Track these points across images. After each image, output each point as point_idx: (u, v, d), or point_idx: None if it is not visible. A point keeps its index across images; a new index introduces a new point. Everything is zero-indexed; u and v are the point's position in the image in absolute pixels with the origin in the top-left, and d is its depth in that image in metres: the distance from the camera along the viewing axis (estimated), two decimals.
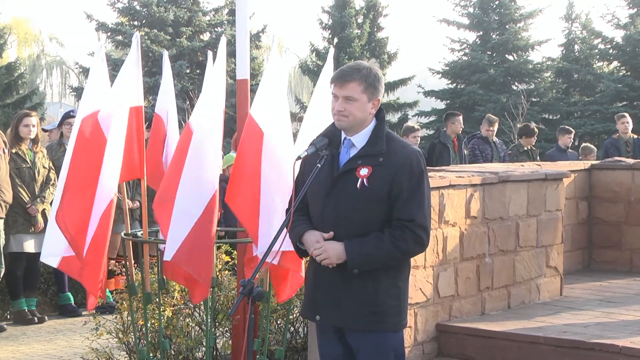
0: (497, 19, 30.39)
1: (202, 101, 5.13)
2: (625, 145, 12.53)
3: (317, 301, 3.91)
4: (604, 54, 29.84)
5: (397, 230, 3.76)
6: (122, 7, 28.96)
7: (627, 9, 29.65)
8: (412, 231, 3.77)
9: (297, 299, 5.85)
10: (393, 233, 3.76)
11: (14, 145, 8.37)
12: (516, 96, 26.42)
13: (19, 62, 27.71)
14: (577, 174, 8.54)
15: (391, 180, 3.77)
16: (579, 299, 6.99)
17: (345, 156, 3.88)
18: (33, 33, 50.51)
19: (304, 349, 5.96)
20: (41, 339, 7.77)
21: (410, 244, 3.78)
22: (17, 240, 8.30)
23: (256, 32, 28.71)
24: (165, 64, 5.43)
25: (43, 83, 50.63)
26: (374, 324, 3.82)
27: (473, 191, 6.17)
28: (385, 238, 3.75)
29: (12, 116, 14.73)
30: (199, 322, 5.79)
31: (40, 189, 8.42)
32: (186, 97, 23.12)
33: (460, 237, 6.08)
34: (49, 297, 9.03)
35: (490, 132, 11.90)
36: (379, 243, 3.74)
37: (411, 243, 3.78)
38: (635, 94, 27.59)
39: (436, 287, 5.88)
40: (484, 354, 5.78)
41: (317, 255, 3.79)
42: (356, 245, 3.75)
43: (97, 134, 4.99)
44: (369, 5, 30.64)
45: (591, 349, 5.40)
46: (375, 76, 3.85)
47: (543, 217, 6.87)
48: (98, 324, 5.80)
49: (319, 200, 3.85)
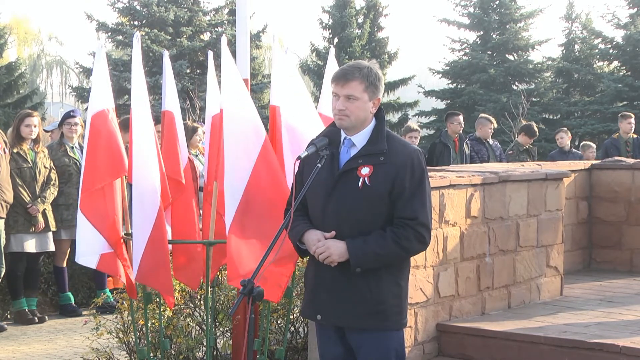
0: (498, 18, 30.41)
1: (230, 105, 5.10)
2: (625, 145, 12.52)
3: (318, 301, 3.91)
4: (604, 53, 29.86)
5: (400, 229, 3.77)
6: (122, 7, 28.96)
7: (627, 8, 29.67)
8: (414, 229, 3.78)
9: (297, 299, 5.85)
10: (395, 231, 3.76)
11: (15, 145, 8.37)
12: (516, 96, 26.45)
13: (19, 62, 27.70)
14: (578, 173, 8.53)
15: (393, 179, 3.78)
16: (579, 299, 6.99)
17: (345, 156, 3.88)
18: (33, 33, 50.56)
19: (304, 348, 5.96)
20: (41, 338, 7.77)
21: (412, 242, 3.79)
22: (18, 240, 8.30)
23: (256, 32, 28.71)
24: (165, 64, 5.44)
25: (43, 83, 50.70)
26: (376, 322, 3.83)
27: (473, 191, 6.17)
28: (388, 236, 3.75)
29: (12, 116, 14.75)
30: (199, 322, 5.79)
31: (41, 189, 8.42)
32: (186, 97, 23.11)
33: (460, 236, 6.08)
34: (50, 296, 9.03)
35: (486, 132, 11.87)
36: (381, 241, 3.75)
37: (414, 241, 3.79)
38: (635, 94, 27.60)
39: (436, 286, 5.88)
40: (484, 354, 5.78)
41: (320, 254, 3.79)
42: (359, 243, 3.75)
43: (108, 131, 5.11)
44: (369, 5, 30.66)
45: (591, 348, 5.40)
46: (376, 75, 3.86)
47: (543, 217, 6.87)
48: (98, 324, 5.80)
49: (320, 199, 3.85)
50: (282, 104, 5.30)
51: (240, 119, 5.00)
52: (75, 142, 8.91)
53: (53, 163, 8.63)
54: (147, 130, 5.09)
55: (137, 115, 5.07)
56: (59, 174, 8.65)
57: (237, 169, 4.93)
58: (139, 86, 5.15)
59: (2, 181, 7.97)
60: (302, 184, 3.88)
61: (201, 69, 27.84)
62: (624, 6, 29.71)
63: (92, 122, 5.11)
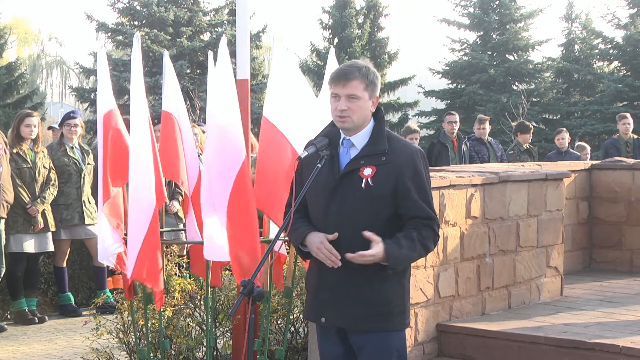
0: (498, 19, 30.41)
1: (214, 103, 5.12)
2: (625, 145, 12.52)
3: (322, 303, 3.89)
4: (604, 54, 29.86)
5: (422, 229, 3.79)
6: (122, 7, 28.96)
7: (627, 8, 29.66)
8: (432, 229, 3.83)
9: (297, 299, 5.85)
10: (420, 232, 3.79)
11: (15, 145, 8.37)
12: (516, 96, 26.46)
13: (19, 62, 27.67)
14: (578, 174, 8.53)
15: (395, 179, 3.77)
16: (579, 299, 6.99)
17: (345, 156, 3.87)
18: (33, 33, 50.57)
19: (305, 349, 5.96)
20: (41, 338, 7.77)
21: (431, 241, 3.85)
22: (17, 240, 8.30)
23: (256, 32, 28.71)
24: (166, 64, 5.43)
25: (43, 83, 50.69)
26: (380, 323, 3.82)
27: (473, 191, 6.17)
28: (415, 238, 3.77)
29: (12, 116, 14.75)
30: (199, 322, 5.78)
31: (40, 189, 8.42)
32: (187, 97, 23.11)
33: (460, 237, 6.08)
34: (50, 297, 9.04)
35: (482, 131, 11.89)
36: (411, 243, 3.77)
37: (431, 241, 3.85)
38: (635, 94, 27.60)
39: (437, 287, 5.88)
40: (484, 354, 5.78)
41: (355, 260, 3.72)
42: (395, 248, 3.73)
43: (117, 131, 5.15)
44: (369, 5, 30.66)
45: (591, 349, 5.40)
46: (374, 74, 3.87)
47: (543, 217, 6.87)
48: (98, 324, 5.80)
49: (321, 201, 3.84)
50: (275, 117, 5.20)
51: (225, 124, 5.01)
52: (75, 143, 8.91)
53: (53, 163, 8.63)
54: (144, 131, 5.08)
55: (135, 116, 5.07)
56: (59, 174, 8.65)
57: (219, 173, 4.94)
58: (138, 87, 5.14)
59: (3, 181, 7.97)
60: (301, 185, 3.86)
61: (201, 69, 27.83)
62: (624, 6, 29.70)
63: (104, 121, 5.14)
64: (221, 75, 5.09)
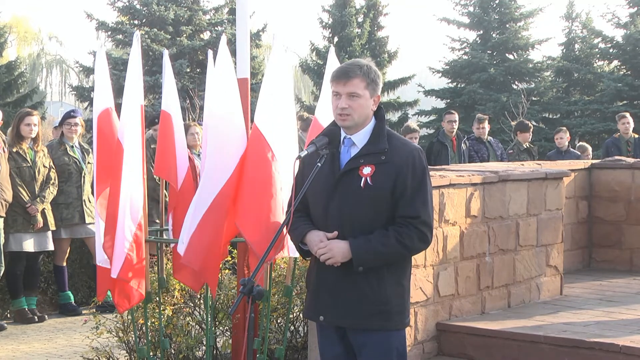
0: (498, 18, 30.38)
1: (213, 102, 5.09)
2: (626, 144, 12.53)
3: (321, 302, 3.89)
4: (604, 53, 29.84)
5: (402, 228, 3.77)
6: (122, 6, 28.92)
7: (627, 8, 29.62)
8: (416, 228, 3.78)
9: (297, 298, 5.85)
10: (398, 230, 3.76)
11: (15, 144, 8.37)
12: (516, 95, 26.42)
13: (19, 61, 27.64)
14: (577, 173, 8.54)
15: (395, 178, 3.77)
16: (579, 298, 6.99)
17: (345, 155, 3.87)
18: (33, 32, 50.55)
19: (304, 348, 5.96)
20: (41, 337, 7.77)
21: (415, 241, 3.80)
22: (17, 239, 8.30)
23: (256, 31, 28.70)
24: (165, 63, 5.43)
25: (43, 82, 50.65)
26: (379, 322, 3.83)
27: (473, 190, 6.17)
28: (391, 235, 3.75)
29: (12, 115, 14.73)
30: (199, 321, 5.79)
31: (40, 188, 8.42)
32: (186, 96, 23.10)
33: (460, 236, 6.08)
34: (49, 296, 9.04)
35: (481, 131, 11.89)
36: (384, 240, 3.74)
37: (416, 240, 3.80)
38: (635, 93, 27.58)
39: (436, 286, 5.88)
40: (484, 353, 5.78)
41: (322, 255, 3.78)
42: (362, 243, 3.74)
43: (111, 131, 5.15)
44: (369, 4, 30.62)
45: (591, 348, 5.40)
46: (375, 72, 3.87)
47: (543, 216, 6.87)
48: (98, 323, 5.80)
49: (322, 199, 3.85)
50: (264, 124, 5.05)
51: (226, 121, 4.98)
52: (75, 142, 8.91)
53: (53, 162, 8.63)
54: (136, 130, 5.07)
55: (127, 116, 5.06)
56: (59, 173, 8.65)
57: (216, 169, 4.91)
58: (135, 85, 5.13)
59: (2, 180, 7.97)
60: (302, 184, 3.87)
61: (201, 68, 27.79)
62: (624, 5, 29.66)
63: (99, 121, 5.15)
64: (222, 74, 5.08)
